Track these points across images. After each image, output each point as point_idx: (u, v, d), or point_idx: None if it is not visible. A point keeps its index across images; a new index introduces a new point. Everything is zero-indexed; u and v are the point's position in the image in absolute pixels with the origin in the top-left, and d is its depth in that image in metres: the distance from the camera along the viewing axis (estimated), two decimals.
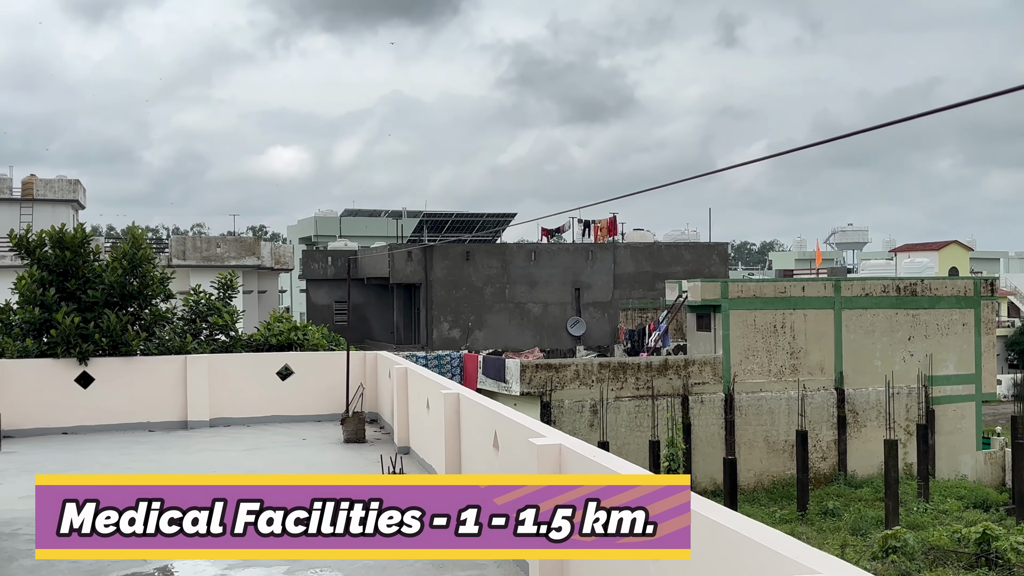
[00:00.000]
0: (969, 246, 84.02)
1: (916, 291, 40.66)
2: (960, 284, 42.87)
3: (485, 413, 9.65)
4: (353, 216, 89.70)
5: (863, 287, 40.71)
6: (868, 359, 39.44)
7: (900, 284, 41.12)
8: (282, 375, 18.44)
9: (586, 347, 48.50)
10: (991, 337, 42.52)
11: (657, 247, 53.01)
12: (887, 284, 41.14)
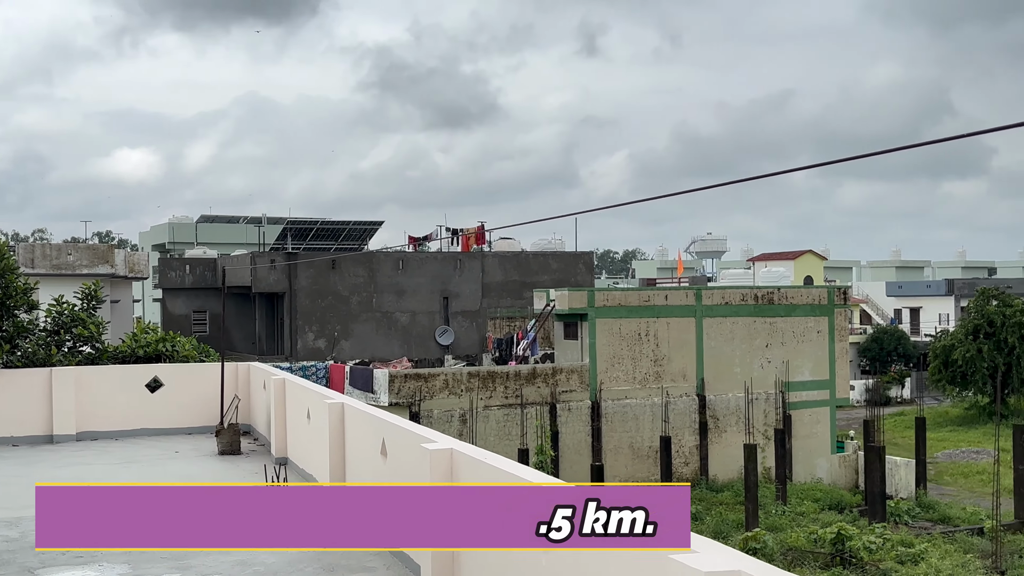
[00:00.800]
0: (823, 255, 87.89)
1: (773, 299, 42.55)
2: (815, 292, 45.04)
3: (372, 421, 10.11)
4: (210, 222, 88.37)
5: (723, 296, 42.40)
6: (728, 366, 41.08)
7: (758, 293, 42.98)
8: (151, 387, 18.44)
9: (454, 356, 49.07)
10: (844, 344, 44.80)
11: (525, 256, 54.01)
12: (746, 293, 42.95)
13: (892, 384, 68.58)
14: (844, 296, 45.41)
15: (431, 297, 51.54)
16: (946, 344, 59.56)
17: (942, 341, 60.67)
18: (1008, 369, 55.24)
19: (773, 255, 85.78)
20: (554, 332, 42.95)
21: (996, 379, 52.98)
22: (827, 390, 43.27)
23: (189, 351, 20.02)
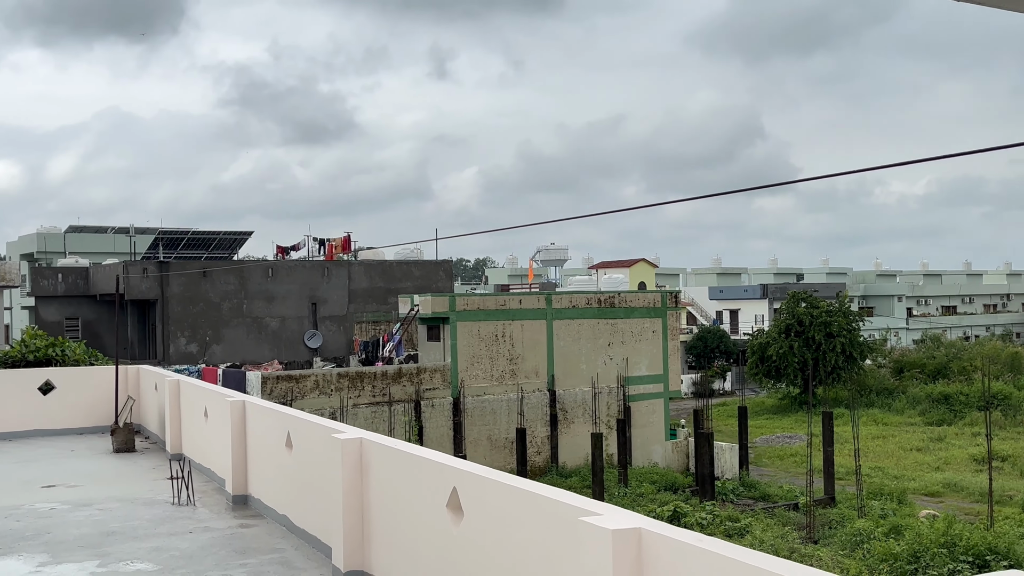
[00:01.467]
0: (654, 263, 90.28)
1: (614, 303, 43.66)
2: (650, 297, 46.41)
3: (276, 416, 10.13)
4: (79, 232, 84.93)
5: (570, 300, 43.28)
6: (575, 363, 41.94)
7: (601, 297, 44.03)
8: (43, 390, 17.85)
9: (323, 358, 48.54)
10: (676, 342, 46.25)
11: (389, 264, 53.84)
12: (590, 297, 43.95)
13: (715, 378, 70.95)
14: (675, 300, 46.93)
15: (300, 303, 50.87)
16: (762, 342, 62.08)
17: (758, 339, 63.20)
18: (816, 363, 57.86)
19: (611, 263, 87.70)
20: (418, 335, 43.04)
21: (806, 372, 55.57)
22: (661, 384, 44.62)
23: (80, 355, 19.46)
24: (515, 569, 5.78)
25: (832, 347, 58.79)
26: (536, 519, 5.58)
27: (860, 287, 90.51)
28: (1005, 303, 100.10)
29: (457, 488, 6.47)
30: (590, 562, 4.81)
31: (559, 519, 5.32)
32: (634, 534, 4.71)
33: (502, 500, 5.98)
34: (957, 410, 56.01)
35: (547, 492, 5.64)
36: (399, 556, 7.33)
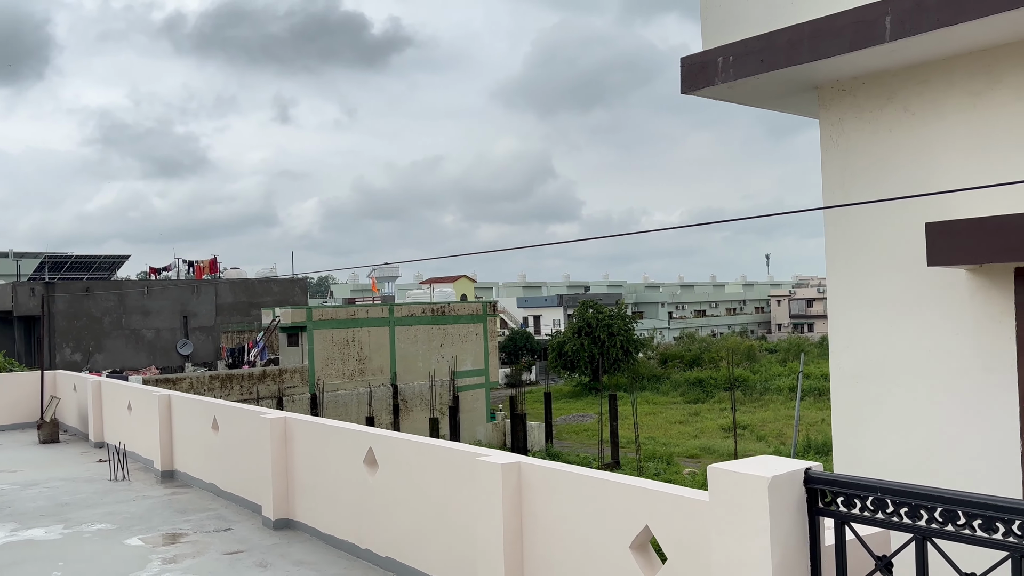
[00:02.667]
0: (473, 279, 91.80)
1: (445, 312, 44.60)
2: (473, 306, 47.60)
3: (204, 405, 10.50)
4: None
5: (409, 310, 43.92)
6: (414, 362, 42.60)
7: (434, 307, 44.88)
8: None
9: (194, 364, 47.10)
10: (494, 342, 47.63)
11: (251, 282, 52.83)
12: (425, 307, 44.73)
13: (523, 371, 72.87)
14: (493, 308, 48.31)
15: (173, 316, 49.14)
16: (560, 341, 64.40)
17: (557, 339, 65.51)
18: (601, 357, 60.61)
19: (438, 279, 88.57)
20: (279, 341, 42.64)
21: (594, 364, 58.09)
22: (483, 376, 45.87)
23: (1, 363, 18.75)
24: (425, 502, 6.62)
25: (614, 344, 61.65)
26: (441, 464, 6.45)
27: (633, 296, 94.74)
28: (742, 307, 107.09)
29: (373, 447, 7.25)
30: (485, 488, 5.73)
31: (460, 462, 6.21)
32: (515, 466, 5.67)
33: (412, 453, 6.82)
34: (709, 391, 59.86)
35: (447, 444, 6.53)
36: (321, 504, 8.01)
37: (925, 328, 6.35)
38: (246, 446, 9.25)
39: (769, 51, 6.46)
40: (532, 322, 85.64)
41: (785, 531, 3.34)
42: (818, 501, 3.35)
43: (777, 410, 52.48)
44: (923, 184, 6.36)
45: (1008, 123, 6.02)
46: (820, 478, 3.34)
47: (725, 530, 3.48)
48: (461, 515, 6.17)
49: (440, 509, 6.42)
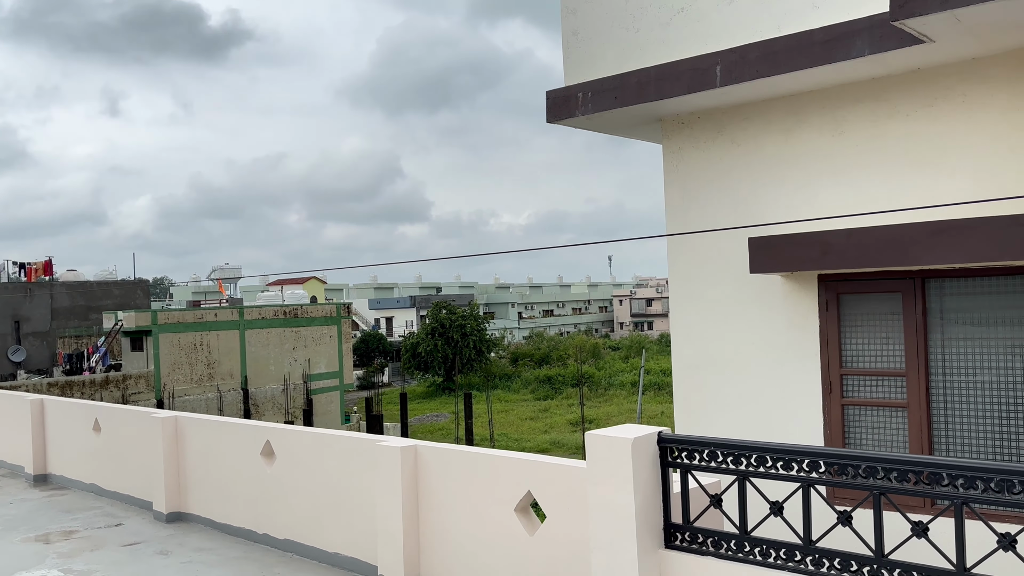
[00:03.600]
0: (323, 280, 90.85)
1: (298, 314, 44.38)
2: (327, 308, 47.53)
3: (84, 407, 10.67)
4: None
5: (260, 312, 43.43)
6: (265, 365, 42.21)
7: (287, 309, 44.57)
8: None
9: (27, 371, 44.75)
10: (348, 345, 47.74)
11: (90, 285, 50.56)
12: (277, 310, 44.35)
13: (376, 372, 73.00)
14: (348, 310, 48.41)
15: (3, 321, 46.49)
16: (413, 342, 65.01)
17: (411, 340, 66.08)
18: (455, 357, 61.68)
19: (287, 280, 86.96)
20: (121, 346, 41.22)
21: (448, 364, 59.08)
22: (337, 379, 45.91)
23: None
24: (324, 487, 7.33)
25: (467, 344, 62.86)
26: (340, 451, 7.20)
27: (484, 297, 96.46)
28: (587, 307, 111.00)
29: (270, 440, 7.89)
30: (386, 469, 6.54)
31: (360, 448, 6.98)
32: (412, 448, 6.51)
33: (311, 443, 7.52)
34: (557, 387, 62.08)
35: (346, 433, 7.28)
36: (215, 496, 8.54)
37: (749, 325, 7.65)
38: (133, 445, 9.60)
39: (622, 89, 7.60)
40: (384, 323, 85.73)
41: (644, 479, 4.38)
42: (668, 456, 4.41)
43: (620, 404, 55.14)
44: (747, 203, 7.67)
45: (813, 155, 7.39)
46: (669, 438, 4.40)
47: (599, 481, 4.49)
48: (361, 495, 6.94)
49: (339, 492, 7.16)
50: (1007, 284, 6.45)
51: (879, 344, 7.00)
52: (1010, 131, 6.33)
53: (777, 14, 6.81)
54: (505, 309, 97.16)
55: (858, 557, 3.76)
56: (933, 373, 6.77)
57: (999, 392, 6.52)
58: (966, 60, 6.44)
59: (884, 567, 3.68)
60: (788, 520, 4.00)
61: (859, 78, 6.85)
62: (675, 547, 4.37)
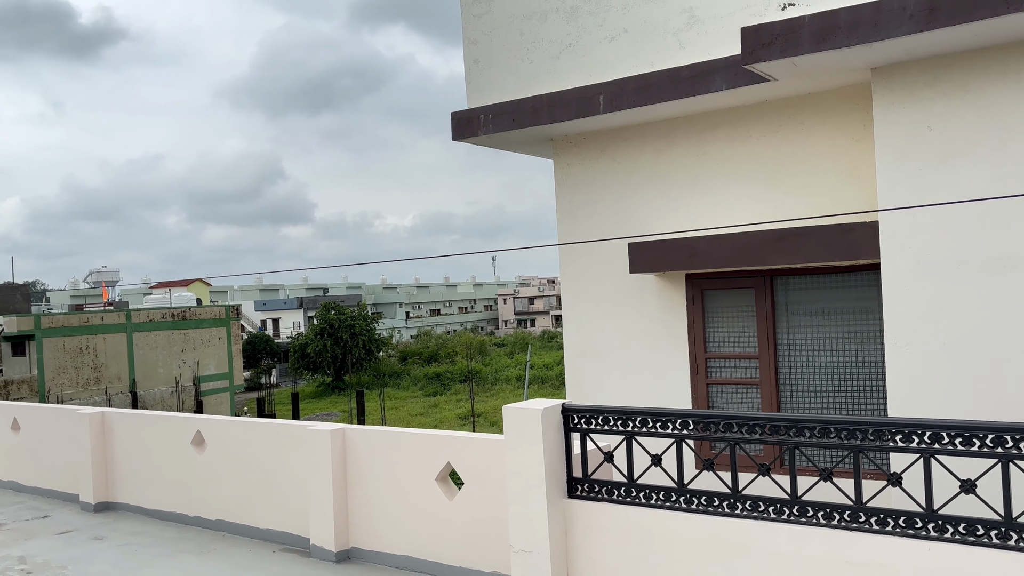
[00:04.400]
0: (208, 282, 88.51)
1: (186, 316, 43.52)
2: (216, 310, 46.75)
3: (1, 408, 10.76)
4: None
5: (148, 315, 42.39)
6: (154, 367, 41.25)
7: (175, 311, 43.63)
8: None
9: None
10: (238, 346, 47.10)
11: None
12: (165, 312, 43.37)
13: (263, 373, 71.84)
14: (237, 312, 47.73)
15: None
16: (302, 342, 64.39)
17: (299, 340, 65.42)
18: (344, 356, 61.51)
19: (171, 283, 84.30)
20: (1, 352, 39.47)
21: (337, 364, 58.91)
22: (227, 380, 45.26)
23: None
24: (255, 470, 7.87)
25: (356, 344, 62.75)
26: (271, 437, 7.77)
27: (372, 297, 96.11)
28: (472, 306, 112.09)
29: (201, 430, 8.37)
30: (316, 450, 7.17)
31: (291, 433, 7.58)
32: (341, 431, 7.17)
33: (241, 431, 8.05)
34: (446, 384, 62.76)
35: (275, 421, 7.86)
36: (145, 485, 8.92)
37: (629, 317, 8.64)
38: (56, 441, 9.83)
39: (518, 113, 8.48)
40: (271, 325, 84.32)
41: (551, 442, 5.23)
42: (569, 423, 5.28)
43: (507, 398, 56.32)
44: (626, 213, 8.67)
45: (680, 172, 8.44)
46: (571, 407, 5.27)
47: (515, 445, 5.32)
48: (291, 476, 7.54)
49: (269, 475, 7.74)
50: (837, 280, 7.65)
51: (736, 332, 8.11)
52: (838, 154, 7.52)
53: (651, 53, 7.82)
54: (393, 309, 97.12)
55: (719, 494, 4.72)
56: (780, 356, 7.92)
57: (833, 370, 7.72)
58: (803, 95, 7.59)
59: (739, 501, 4.65)
60: (666, 469, 4.93)
61: (718, 107, 7.93)
62: (576, 496, 5.24)
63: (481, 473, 6.21)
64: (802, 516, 4.41)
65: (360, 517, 7.08)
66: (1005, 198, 6.11)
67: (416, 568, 6.64)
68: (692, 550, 4.72)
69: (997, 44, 6.16)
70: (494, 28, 8.76)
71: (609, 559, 5.05)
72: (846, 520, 4.27)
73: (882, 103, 6.64)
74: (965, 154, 6.33)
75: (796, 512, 4.43)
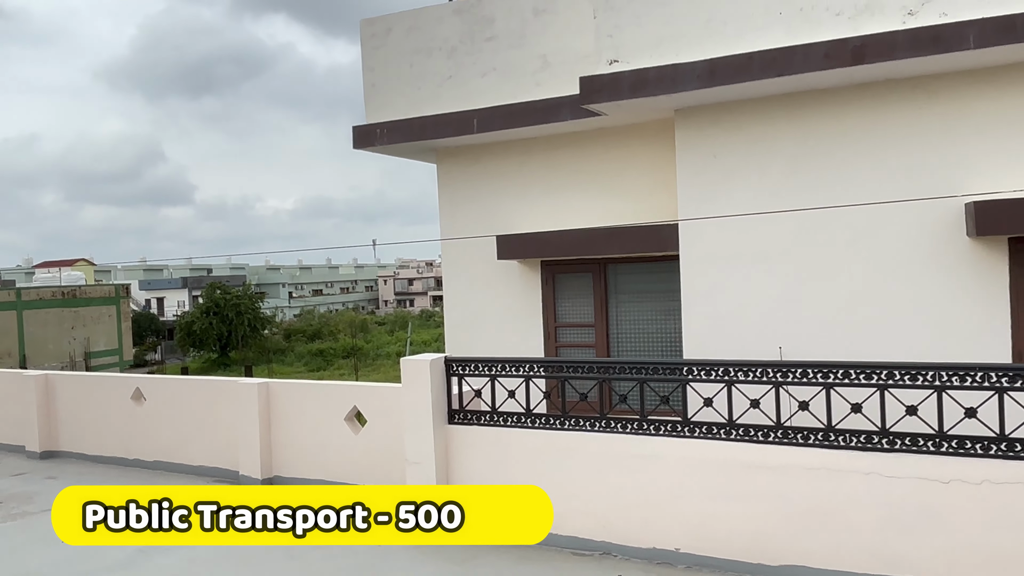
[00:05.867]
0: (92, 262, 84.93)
1: (76, 294, 42.44)
2: (105, 288, 45.70)
3: None
4: None
5: (38, 293, 41.14)
6: (44, 344, 40.14)
7: (65, 290, 42.47)
8: None
9: None
10: (127, 324, 46.20)
11: None
12: (55, 291, 42.16)
13: (149, 351, 69.93)
14: (127, 291, 46.76)
15: None
16: (188, 320, 63.17)
17: (185, 319, 64.13)
18: (230, 334, 60.88)
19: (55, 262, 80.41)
20: None
21: (223, 341, 58.38)
22: (117, 356, 44.43)
23: None
24: (189, 418, 9.03)
25: (241, 322, 62.12)
26: (204, 391, 8.96)
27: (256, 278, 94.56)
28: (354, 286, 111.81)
29: (140, 387, 9.45)
30: (245, 400, 8.43)
31: (223, 387, 8.80)
32: (265, 384, 8.47)
33: (178, 385, 9.20)
34: (329, 359, 62.99)
35: (209, 377, 9.06)
36: (88, 435, 9.87)
37: (497, 294, 10.26)
38: (2, 401, 10.61)
39: (409, 130, 9.94)
40: (156, 304, 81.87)
41: (437, 386, 6.76)
42: (450, 370, 6.83)
43: (388, 372, 57.29)
44: (495, 211, 10.26)
45: (537, 181, 10.09)
46: (451, 358, 6.82)
47: (410, 388, 6.82)
48: (221, 423, 8.77)
49: (202, 421, 8.93)
50: (650, 267, 9.51)
51: (578, 306, 9.87)
52: (653, 170, 9.35)
53: (514, 88, 9.41)
54: (276, 289, 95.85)
55: (555, 416, 6.39)
56: (611, 323, 9.73)
57: (650, 335, 9.58)
58: (628, 125, 9.37)
59: (567, 420, 6.33)
60: (518, 400, 6.57)
61: (565, 132, 9.63)
62: (454, 423, 6.81)
63: (381, 413, 7.69)
64: (607, 427, 6.13)
65: (281, 452, 8.42)
66: (764, 213, 8.05)
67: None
68: (534, 455, 6.37)
69: (758, 97, 8.08)
70: (389, 59, 10.15)
71: (476, 465, 6.65)
72: (634, 428, 6.02)
73: (682, 136, 8.48)
74: (737, 176, 8.25)
75: (603, 425, 6.15)
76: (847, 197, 7.74)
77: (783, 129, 8.05)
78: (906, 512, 5.07)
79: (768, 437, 5.54)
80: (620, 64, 8.12)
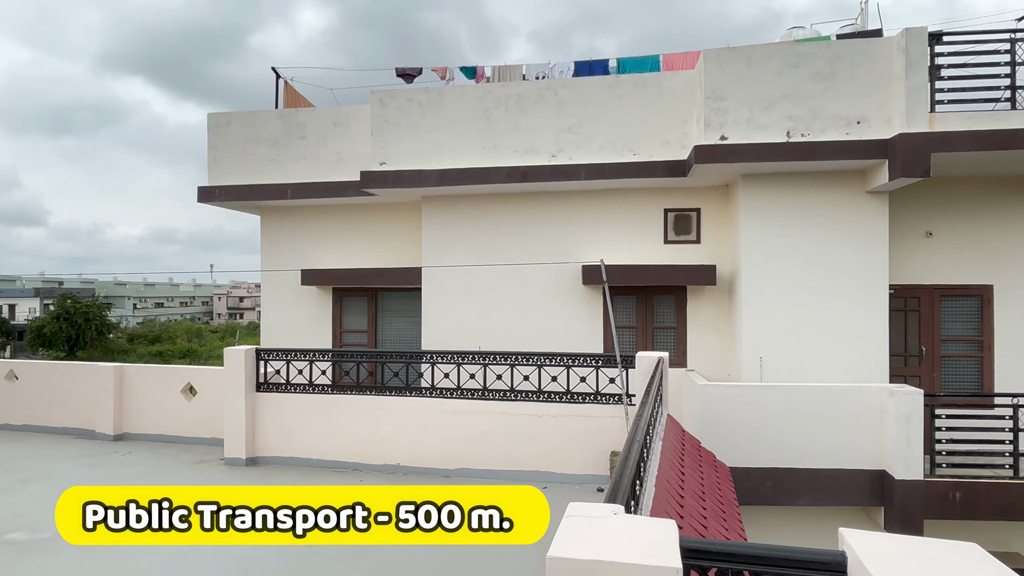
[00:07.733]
0: None
1: None
2: None
3: None
4: None
5: None
6: None
7: None
8: None
9: None
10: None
11: None
12: None
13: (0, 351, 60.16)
14: None
15: None
16: (39, 324, 55.45)
17: (36, 323, 56.15)
18: (79, 337, 54.26)
19: None
20: None
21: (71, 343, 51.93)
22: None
23: None
24: (54, 393, 8.99)
25: (89, 327, 55.61)
26: (70, 372, 9.00)
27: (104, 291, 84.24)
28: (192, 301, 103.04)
29: (13, 369, 9.23)
30: (102, 380, 8.66)
31: (85, 369, 8.91)
32: (120, 367, 8.77)
33: (50, 368, 9.13)
34: (167, 360, 57.81)
35: (73, 363, 9.12)
36: None
37: (301, 309, 11.12)
38: None
39: (240, 192, 10.65)
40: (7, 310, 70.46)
41: (249, 365, 7.66)
42: (259, 356, 7.75)
43: None
44: (302, 253, 11.17)
45: (332, 232, 11.14)
46: (260, 349, 7.75)
47: (230, 368, 7.64)
48: (81, 396, 8.89)
49: (66, 395, 8.97)
50: (405, 295, 10.92)
51: (357, 319, 11.03)
52: (410, 230, 10.80)
53: (318, 171, 10.49)
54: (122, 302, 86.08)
55: (327, 385, 7.54)
56: (378, 331, 10.98)
57: (402, 338, 10.95)
58: (392, 202, 10.77)
59: (336, 388, 7.50)
60: (305, 376, 7.64)
61: (351, 203, 10.84)
62: (260, 391, 7.74)
63: (208, 387, 8.38)
64: (358, 392, 7.40)
65: (130, 416, 8.76)
66: (473, 265, 9.77)
67: (165, 441, 8.57)
68: (313, 412, 7.48)
69: (470, 194, 9.83)
70: (228, 141, 10.81)
71: (273, 420, 7.62)
72: (373, 392, 7.34)
73: (426, 213, 10.03)
74: (459, 241, 9.92)
75: (354, 391, 7.41)
76: (519, 258, 9.68)
77: (485, 214, 9.87)
78: (522, 433, 6.84)
79: (452, 395, 7.11)
80: (387, 165, 9.53)
